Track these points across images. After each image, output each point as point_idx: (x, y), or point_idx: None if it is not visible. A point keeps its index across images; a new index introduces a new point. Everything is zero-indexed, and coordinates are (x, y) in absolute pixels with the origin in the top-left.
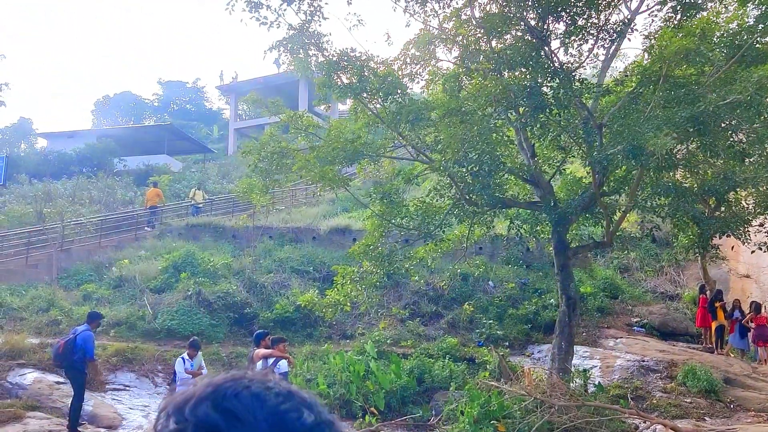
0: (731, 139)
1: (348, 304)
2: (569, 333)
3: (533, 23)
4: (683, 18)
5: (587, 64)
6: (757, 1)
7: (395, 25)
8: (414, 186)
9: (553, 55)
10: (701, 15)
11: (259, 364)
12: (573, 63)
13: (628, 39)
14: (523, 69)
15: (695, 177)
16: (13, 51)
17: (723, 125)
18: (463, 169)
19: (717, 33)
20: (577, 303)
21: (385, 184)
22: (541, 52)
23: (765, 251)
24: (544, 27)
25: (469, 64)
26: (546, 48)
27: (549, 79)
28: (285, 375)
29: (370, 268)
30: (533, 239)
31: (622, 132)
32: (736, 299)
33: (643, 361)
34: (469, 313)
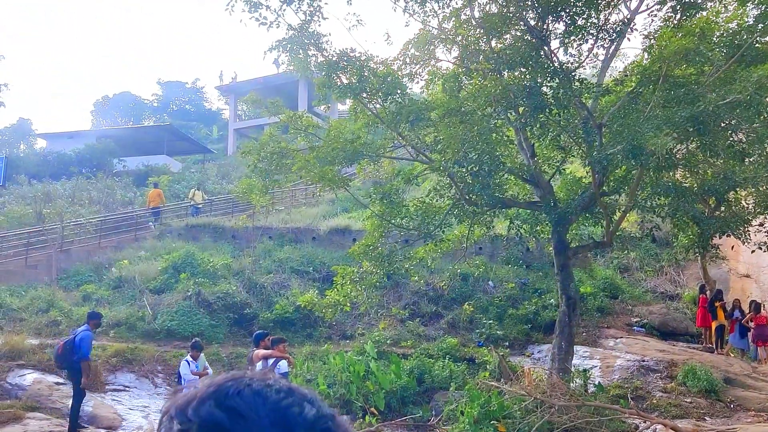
0: (731, 138)
1: (348, 305)
2: (569, 333)
3: (533, 23)
4: (683, 18)
5: (587, 63)
6: (756, 0)
7: (395, 25)
8: (414, 186)
9: (552, 55)
10: (701, 15)
11: (259, 365)
12: (572, 63)
13: (628, 39)
14: (522, 69)
15: (695, 177)
16: (12, 51)
17: (723, 125)
18: (463, 169)
19: (716, 33)
20: (577, 303)
21: (385, 184)
22: (541, 52)
23: (765, 251)
24: (544, 27)
25: (468, 64)
26: (545, 48)
27: (549, 79)
28: (285, 375)
29: (370, 269)
30: (533, 239)
31: (621, 132)
32: (736, 299)
33: (643, 361)
34: (469, 313)
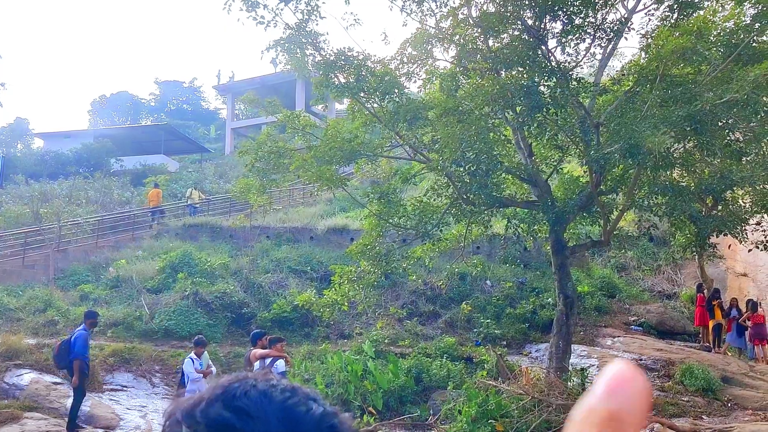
0: (728, 137)
1: (346, 304)
2: (567, 332)
3: (530, 22)
4: (680, 17)
5: (584, 63)
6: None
7: (392, 25)
8: (411, 185)
9: (550, 54)
10: (698, 14)
11: (257, 365)
12: (570, 62)
13: (625, 38)
14: (520, 68)
15: (692, 176)
16: (10, 51)
17: (720, 124)
18: (461, 168)
19: (714, 32)
20: (575, 302)
21: (383, 183)
22: (538, 52)
23: (762, 250)
24: (541, 26)
25: (466, 64)
26: (543, 47)
27: (546, 78)
28: (283, 375)
29: (368, 268)
30: (531, 238)
31: (619, 131)
32: (734, 298)
33: (640, 359)
34: (466, 312)
